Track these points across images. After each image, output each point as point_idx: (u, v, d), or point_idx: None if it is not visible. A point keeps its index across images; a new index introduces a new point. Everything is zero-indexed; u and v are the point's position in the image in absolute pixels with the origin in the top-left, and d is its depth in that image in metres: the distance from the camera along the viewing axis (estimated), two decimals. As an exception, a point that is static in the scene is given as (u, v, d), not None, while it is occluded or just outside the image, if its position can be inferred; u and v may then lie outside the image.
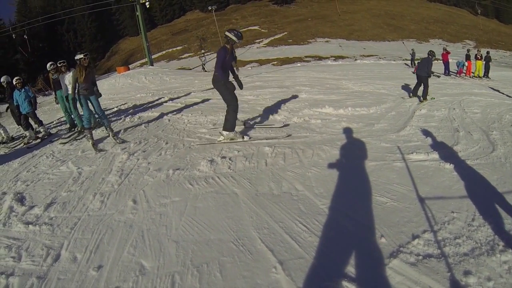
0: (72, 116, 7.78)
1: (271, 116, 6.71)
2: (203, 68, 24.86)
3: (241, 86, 5.75)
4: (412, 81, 9.56)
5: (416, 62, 22.36)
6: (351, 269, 2.46)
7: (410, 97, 8.81)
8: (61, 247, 3.23)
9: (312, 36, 37.29)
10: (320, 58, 28.15)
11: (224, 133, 5.55)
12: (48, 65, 7.96)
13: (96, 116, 6.91)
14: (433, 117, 6.73)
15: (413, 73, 17.60)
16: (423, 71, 8.54)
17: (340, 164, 4.25)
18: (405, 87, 10.13)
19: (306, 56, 25.60)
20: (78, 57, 5.92)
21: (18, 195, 4.53)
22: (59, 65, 7.39)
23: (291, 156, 4.58)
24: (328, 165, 4.23)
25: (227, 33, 5.24)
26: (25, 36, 28.73)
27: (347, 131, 5.49)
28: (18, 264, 3.09)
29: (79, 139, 6.84)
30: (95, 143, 6.06)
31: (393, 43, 34.20)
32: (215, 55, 5.64)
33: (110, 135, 6.44)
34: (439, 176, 3.96)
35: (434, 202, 3.32)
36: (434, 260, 2.50)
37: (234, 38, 5.17)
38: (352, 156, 4.52)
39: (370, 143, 4.92)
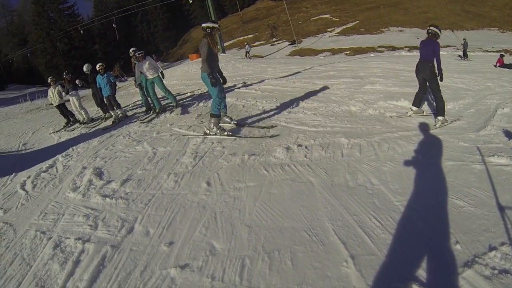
0: (151, 99, 8.81)
1: (345, 107, 6.65)
2: (247, 55, 25.56)
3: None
4: (493, 76, 8.52)
5: (468, 53, 20.81)
6: (422, 273, 2.46)
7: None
8: (135, 221, 3.63)
9: (384, 25, 35.76)
10: (393, 48, 26.98)
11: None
12: (131, 50, 8.99)
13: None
14: (517, 117, 6.00)
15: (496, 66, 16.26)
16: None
17: (416, 161, 4.21)
18: (487, 82, 9.08)
19: (379, 46, 24.50)
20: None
21: (97, 170, 5.26)
22: (138, 55, 8.40)
23: (367, 149, 4.61)
24: (404, 160, 4.21)
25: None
26: (113, 25, 32.86)
27: (423, 127, 5.39)
28: (94, 232, 3.57)
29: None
30: None
31: (473, 33, 30.79)
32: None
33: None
34: (522, 185, 3.63)
35: (516, 213, 3.09)
36: (510, 277, 2.38)
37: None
38: (428, 153, 4.45)
39: (447, 141, 4.75)
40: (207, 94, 10.37)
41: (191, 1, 27.01)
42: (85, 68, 9.78)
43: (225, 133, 5.82)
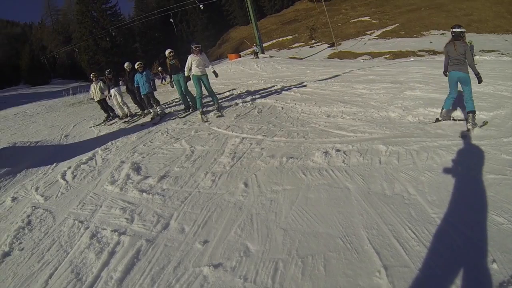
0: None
1: (384, 113, 6.49)
2: (256, 55, 25.51)
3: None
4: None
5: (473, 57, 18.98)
6: None
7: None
8: (170, 217, 3.73)
9: (425, 28, 34.36)
10: (434, 52, 25.71)
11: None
12: (167, 52, 9.17)
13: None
14: None
15: None
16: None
17: (456, 172, 4.03)
18: None
19: (419, 50, 23.53)
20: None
21: (135, 165, 5.48)
22: (195, 48, 8.21)
23: (405, 157, 4.49)
24: (442, 171, 4.06)
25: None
26: (171, 20, 34.03)
27: (464, 136, 5.15)
28: (130, 225, 3.71)
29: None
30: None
31: None
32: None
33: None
34: None
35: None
36: None
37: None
38: (468, 164, 4.22)
39: (489, 153, 4.48)
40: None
41: (202, 7, 27.66)
42: (126, 65, 10.32)
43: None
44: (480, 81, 5.68)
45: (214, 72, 8.37)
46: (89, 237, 3.55)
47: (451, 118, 6.05)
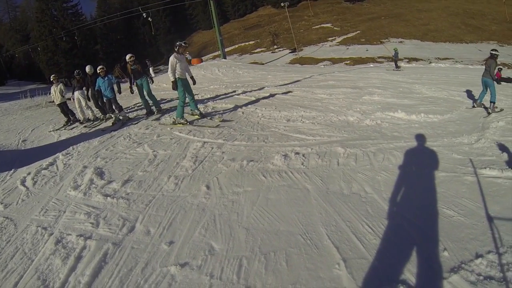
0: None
1: (343, 117, 6.80)
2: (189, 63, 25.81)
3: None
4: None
5: (398, 62, 21.73)
6: (410, 277, 2.59)
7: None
8: (136, 220, 3.75)
9: (385, 36, 36.15)
10: (393, 59, 27.24)
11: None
12: (127, 56, 9.04)
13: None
14: (512, 131, 6.23)
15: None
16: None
17: (410, 171, 4.36)
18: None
19: (379, 57, 24.77)
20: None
21: (98, 169, 5.38)
22: (183, 45, 7.57)
23: (363, 158, 4.77)
24: (397, 170, 4.37)
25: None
26: (149, 19, 32.81)
27: (419, 138, 5.56)
28: (96, 229, 3.68)
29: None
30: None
31: (471, 46, 31.38)
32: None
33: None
34: None
35: (503, 223, 3.23)
36: (495, 283, 2.52)
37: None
38: (422, 164, 4.59)
39: (441, 153, 4.91)
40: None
41: (146, 17, 27.47)
42: (87, 69, 9.85)
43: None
44: (498, 83, 7.49)
45: (192, 78, 7.77)
46: (54, 243, 3.48)
47: (482, 106, 7.53)
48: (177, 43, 7.42)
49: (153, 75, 24.21)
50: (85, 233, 3.61)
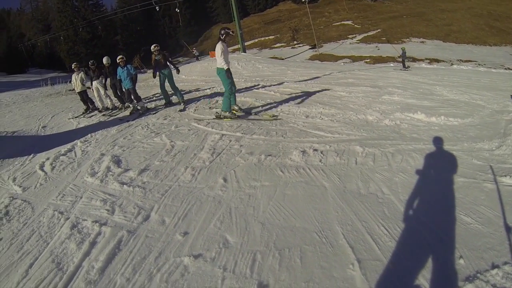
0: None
1: (362, 116, 6.70)
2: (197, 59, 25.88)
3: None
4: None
5: (406, 62, 21.44)
6: (424, 283, 2.54)
7: None
8: (151, 209, 3.78)
9: (406, 35, 35.36)
10: (414, 59, 26.57)
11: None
12: (152, 46, 9.01)
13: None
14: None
15: None
16: None
17: (428, 175, 4.26)
18: (506, 101, 8.95)
19: (399, 56, 24.31)
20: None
21: (115, 157, 5.48)
22: (232, 33, 7.11)
23: (381, 159, 4.67)
24: (415, 172, 4.26)
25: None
26: (177, 9, 33.05)
27: (438, 141, 5.40)
28: (111, 216, 3.74)
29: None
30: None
31: (495, 48, 30.19)
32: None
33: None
34: (532, 207, 3.66)
35: (522, 234, 3.12)
36: None
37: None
38: (440, 168, 4.46)
39: (460, 158, 4.74)
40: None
41: (158, 9, 27.55)
42: (105, 60, 10.02)
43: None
44: None
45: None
46: (69, 227, 3.55)
47: None
48: (224, 31, 6.82)
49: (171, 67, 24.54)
50: (101, 220, 3.66)
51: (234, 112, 7.21)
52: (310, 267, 2.70)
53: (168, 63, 9.00)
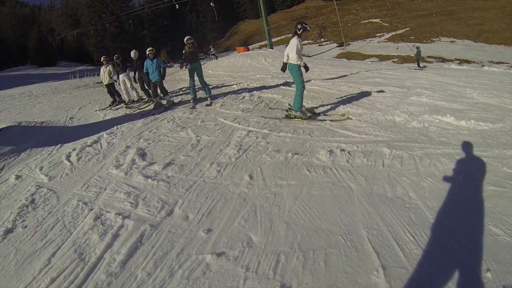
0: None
1: (390, 117, 6.50)
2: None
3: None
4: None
5: (421, 62, 21.39)
6: None
7: None
8: (175, 204, 3.76)
9: (436, 34, 34.13)
10: (443, 60, 25.77)
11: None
12: (186, 38, 8.81)
13: None
14: None
15: None
16: None
17: (456, 181, 4.05)
18: None
19: (428, 56, 23.49)
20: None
21: (140, 150, 5.54)
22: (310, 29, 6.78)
23: (408, 162, 4.51)
24: (443, 178, 4.08)
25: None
26: (212, 4, 33.41)
27: (467, 146, 5.17)
28: (135, 209, 3.74)
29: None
30: None
31: None
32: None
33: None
34: None
35: (554, 249, 2.90)
36: None
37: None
38: (470, 174, 4.23)
39: (490, 165, 4.48)
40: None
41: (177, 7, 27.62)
42: (133, 54, 10.22)
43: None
44: None
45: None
46: (93, 218, 3.58)
47: None
48: (301, 25, 6.42)
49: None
50: (124, 212, 3.67)
51: (304, 112, 6.68)
52: (334, 271, 2.61)
53: (198, 57, 8.96)
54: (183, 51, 8.87)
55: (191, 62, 8.75)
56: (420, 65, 20.91)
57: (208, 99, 8.91)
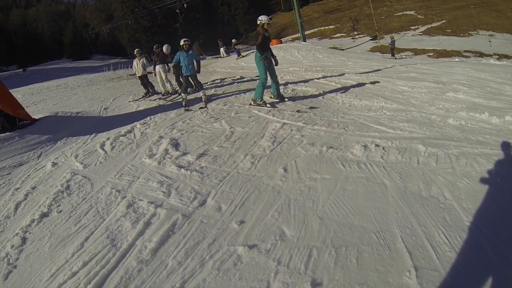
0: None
1: (425, 113, 6.24)
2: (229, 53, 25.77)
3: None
4: None
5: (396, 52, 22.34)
6: None
7: None
8: (208, 195, 3.77)
9: (474, 28, 32.18)
10: (481, 54, 24.44)
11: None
12: (262, 18, 7.49)
13: None
14: None
15: None
16: None
17: (494, 183, 3.81)
18: None
19: (465, 51, 22.31)
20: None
21: (174, 141, 5.63)
22: None
23: (444, 160, 4.32)
24: (480, 179, 3.86)
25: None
26: (177, 10, 33.97)
27: (506, 147, 4.87)
28: (167, 199, 3.78)
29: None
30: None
31: None
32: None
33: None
34: None
35: None
36: None
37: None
38: (508, 176, 3.98)
39: None
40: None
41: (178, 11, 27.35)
42: (165, 49, 10.36)
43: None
44: None
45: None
46: (125, 206, 3.65)
47: None
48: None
49: (225, 55, 24.90)
50: (156, 201, 3.72)
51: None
52: (365, 269, 2.54)
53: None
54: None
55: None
56: (394, 55, 21.72)
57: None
